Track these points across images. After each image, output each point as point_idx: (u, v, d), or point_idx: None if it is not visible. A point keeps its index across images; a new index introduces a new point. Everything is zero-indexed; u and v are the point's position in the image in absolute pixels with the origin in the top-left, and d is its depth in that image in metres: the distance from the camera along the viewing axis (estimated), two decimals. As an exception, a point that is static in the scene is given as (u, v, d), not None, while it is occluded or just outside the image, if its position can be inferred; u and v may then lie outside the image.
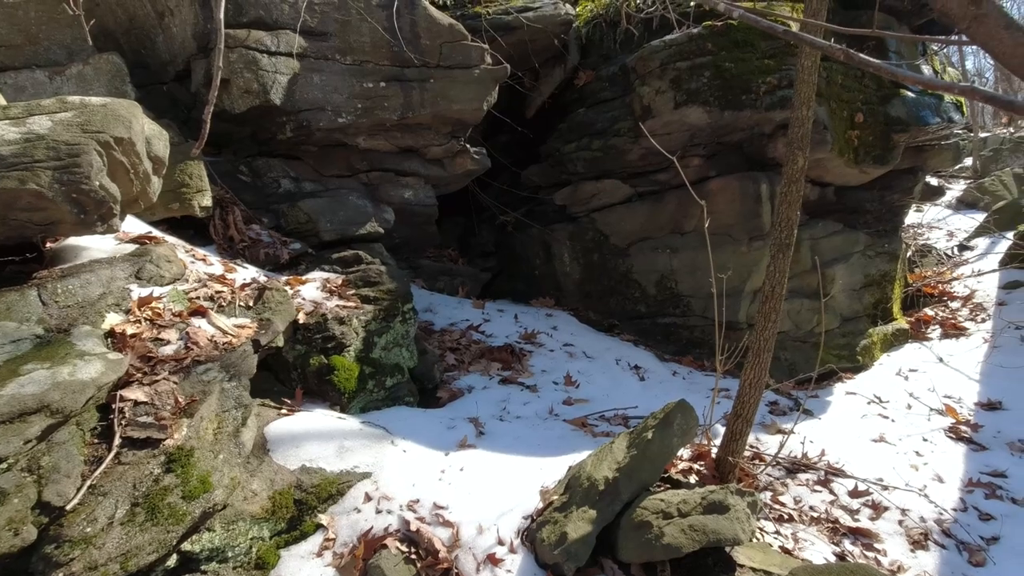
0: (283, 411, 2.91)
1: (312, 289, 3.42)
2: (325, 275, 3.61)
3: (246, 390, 2.55)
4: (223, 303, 2.90)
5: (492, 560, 2.26)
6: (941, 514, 3.20)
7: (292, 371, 3.14)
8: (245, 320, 2.88)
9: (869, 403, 4.41)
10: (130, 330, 2.47)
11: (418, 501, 2.51)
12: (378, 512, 2.44)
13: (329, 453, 2.66)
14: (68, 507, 1.76)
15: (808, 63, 2.80)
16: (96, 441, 2.03)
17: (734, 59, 4.73)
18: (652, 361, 4.89)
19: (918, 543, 2.99)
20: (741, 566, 2.29)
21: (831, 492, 3.31)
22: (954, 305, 5.67)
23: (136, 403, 2.19)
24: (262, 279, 3.19)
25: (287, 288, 3.31)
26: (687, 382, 4.57)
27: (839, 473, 3.47)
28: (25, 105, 2.47)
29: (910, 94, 5.29)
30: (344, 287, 3.54)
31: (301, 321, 3.15)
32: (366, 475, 2.61)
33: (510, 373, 4.24)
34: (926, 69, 5.74)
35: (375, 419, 3.09)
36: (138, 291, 2.71)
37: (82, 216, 2.36)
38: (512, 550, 2.31)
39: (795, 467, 3.53)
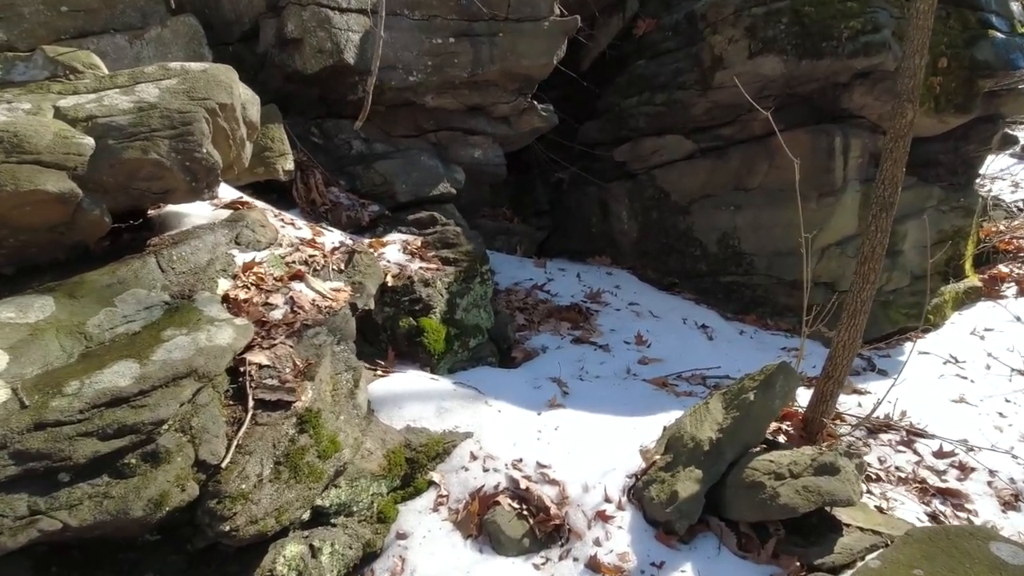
0: (378, 372, 2.99)
1: (394, 251, 3.45)
2: (403, 237, 3.63)
3: (352, 353, 2.62)
4: (316, 267, 2.96)
5: (602, 516, 2.33)
6: (1031, 474, 3.18)
7: (381, 333, 3.21)
8: (339, 284, 2.93)
9: (945, 363, 4.34)
10: (242, 295, 2.54)
11: (521, 460, 2.59)
12: (485, 470, 2.52)
13: (429, 413, 2.74)
14: (223, 465, 1.86)
15: (924, 6, 2.64)
16: (231, 403, 2.12)
17: (814, 3, 4.48)
18: (717, 320, 4.86)
19: (1009, 504, 2.99)
20: (847, 525, 2.33)
21: (915, 453, 3.31)
22: (1030, 261, 5.48)
23: (260, 366, 2.27)
24: (349, 242, 3.23)
25: (372, 251, 3.34)
26: (755, 341, 4.56)
27: (922, 434, 3.46)
28: (129, 73, 2.48)
29: (999, 35, 4.98)
30: (424, 249, 3.56)
31: (389, 284, 3.19)
32: (468, 435, 2.69)
33: (581, 332, 4.27)
34: (1015, 6, 5.37)
35: (465, 379, 3.16)
36: (241, 256, 2.76)
37: (193, 184, 2.40)
38: (620, 507, 2.38)
39: (876, 427, 3.53)
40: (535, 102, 4.48)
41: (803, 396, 3.37)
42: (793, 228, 5.08)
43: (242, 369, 2.21)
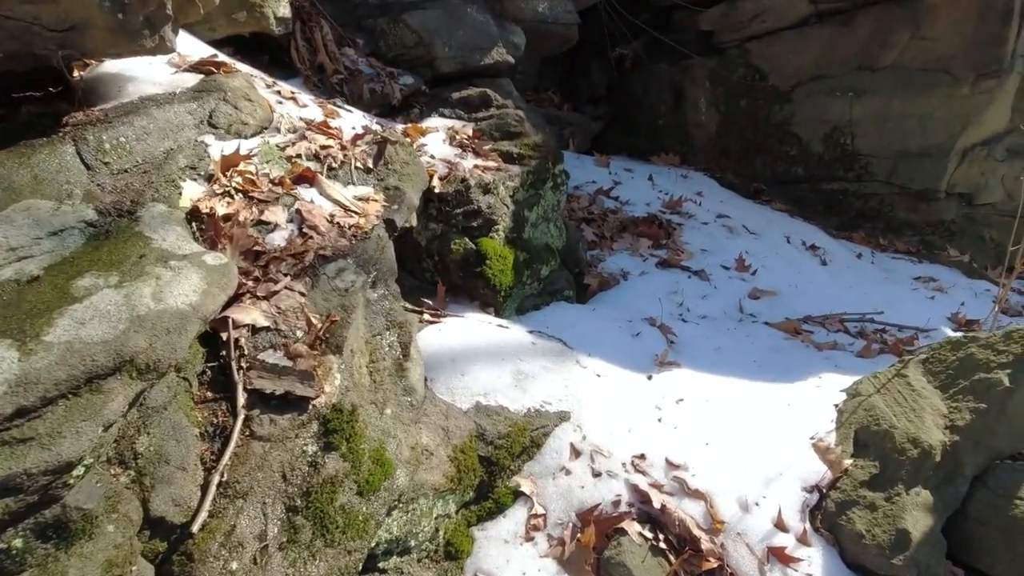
0: (425, 316, 2.13)
1: (438, 142, 2.46)
2: (449, 123, 2.62)
3: (396, 299, 1.74)
4: (333, 164, 2.00)
5: (780, 557, 1.56)
6: None
7: (426, 259, 2.31)
8: (367, 189, 1.99)
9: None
10: (220, 208, 1.61)
11: (644, 457, 1.79)
12: (596, 475, 1.72)
13: (506, 382, 1.91)
14: (195, 527, 1.04)
15: None
16: (209, 395, 1.27)
17: None
18: (824, 238, 3.92)
19: None
20: None
21: None
22: None
23: (254, 330, 1.40)
24: (376, 127, 2.23)
25: (409, 141, 2.36)
26: (879, 268, 3.65)
27: None
28: None
29: None
30: (478, 140, 2.56)
31: (436, 190, 2.24)
32: (563, 415, 1.87)
33: (666, 253, 3.35)
34: None
35: (542, 325, 2.30)
36: (218, 146, 1.81)
37: (119, 16, 1.39)
38: (803, 540, 1.60)
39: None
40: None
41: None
42: (933, 122, 3.99)
43: (224, 336, 1.34)
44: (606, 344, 2.28)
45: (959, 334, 1.93)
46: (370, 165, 2.06)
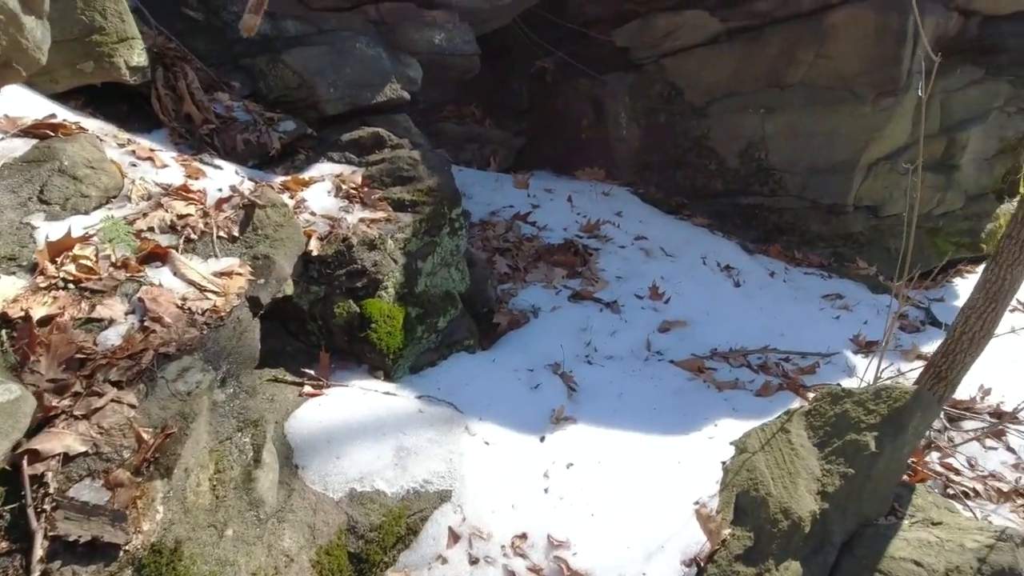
0: (305, 389, 2.01)
1: (322, 195, 2.33)
2: (336, 169, 2.49)
3: (253, 394, 1.62)
4: (192, 235, 1.85)
5: (655, 641, 1.53)
6: None
7: (309, 322, 2.19)
8: (231, 262, 1.86)
9: (1012, 311, 3.61)
10: (37, 310, 1.45)
11: (525, 537, 1.74)
12: (473, 562, 1.66)
13: (385, 462, 1.82)
14: None
15: None
16: (4, 546, 1.13)
17: None
18: (740, 256, 3.97)
19: None
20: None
21: (1009, 449, 2.63)
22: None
23: (68, 458, 1.27)
24: (247, 187, 2.09)
25: (286, 198, 2.22)
26: (791, 286, 3.71)
27: (1010, 418, 2.76)
28: None
29: None
30: (367, 188, 2.45)
31: (315, 253, 2.12)
32: (444, 495, 1.80)
33: (580, 283, 3.32)
34: None
35: (435, 387, 2.22)
36: (47, 228, 1.64)
37: None
38: (679, 621, 1.58)
39: (956, 411, 2.81)
40: (519, -42, 3.15)
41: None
42: (839, 138, 4.08)
43: (23, 470, 1.21)
44: (501, 402, 2.22)
45: (838, 387, 1.95)
46: (236, 233, 1.93)
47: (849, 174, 4.06)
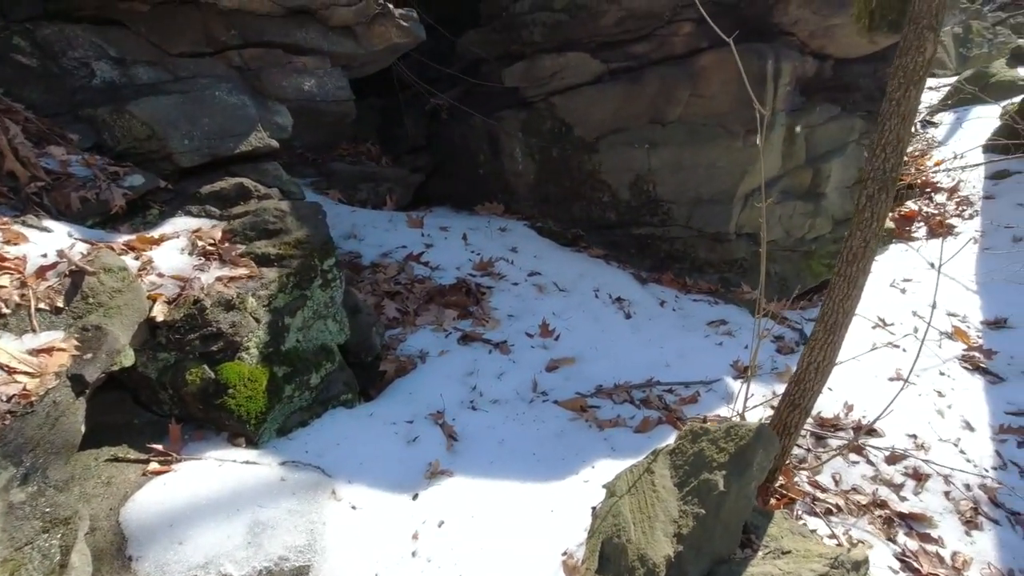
0: (152, 466, 1.86)
1: (174, 254, 2.20)
2: (194, 224, 2.36)
3: (64, 489, 1.47)
4: (4, 309, 1.69)
5: None
6: (983, 477, 2.80)
7: (160, 391, 2.04)
8: (53, 336, 1.71)
9: (874, 327, 3.93)
10: None
11: (387, 610, 1.66)
12: (327, 646, 1.57)
13: (236, 542, 1.70)
14: None
15: None
16: None
17: None
18: (632, 286, 4.10)
19: (971, 522, 2.59)
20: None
21: (869, 462, 2.82)
22: (939, 199, 5.20)
23: None
24: (78, 250, 1.93)
25: (130, 259, 2.08)
26: (679, 315, 3.86)
27: (871, 432, 2.97)
28: None
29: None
30: (227, 242, 2.33)
31: (160, 318, 1.99)
32: (301, 572, 1.70)
33: (470, 324, 3.31)
34: None
35: (302, 447, 2.12)
36: None
37: None
38: None
39: (823, 429, 2.99)
40: (390, 5, 3.15)
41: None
42: (717, 171, 4.33)
43: None
44: (375, 461, 2.15)
45: (700, 424, 2.02)
46: (60, 304, 1.77)
47: (728, 204, 4.30)
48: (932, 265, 4.59)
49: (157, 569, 1.60)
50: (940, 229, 4.86)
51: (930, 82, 9.15)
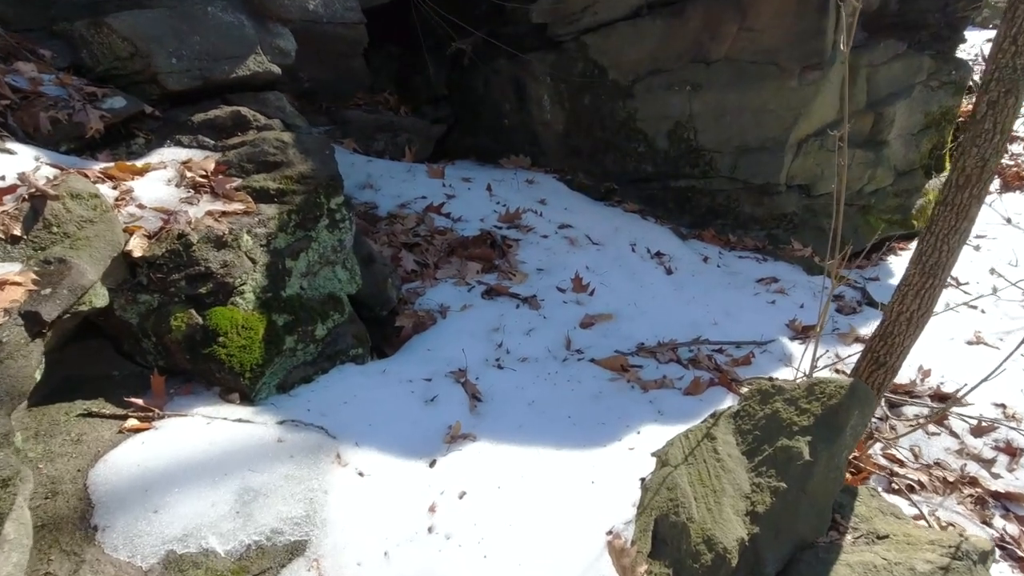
0: (130, 422, 1.61)
1: (158, 186, 1.92)
2: (184, 154, 2.08)
3: (7, 446, 1.21)
4: (-45, 236, 1.43)
5: None
6: (1086, 451, 2.42)
7: (143, 339, 1.78)
8: (8, 269, 1.45)
9: (945, 287, 3.50)
10: None
11: (399, 594, 1.39)
12: (327, 636, 1.30)
13: (222, 511, 1.45)
14: None
15: None
16: None
17: None
18: (672, 241, 3.74)
19: (1077, 503, 2.22)
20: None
21: (952, 433, 2.46)
22: (1016, 148, 4.68)
23: None
24: (44, 173, 1.66)
25: (105, 187, 1.81)
26: (724, 272, 3.50)
27: (954, 401, 2.60)
28: None
29: None
30: (221, 175, 2.05)
31: (137, 253, 1.71)
32: (297, 547, 1.44)
33: (496, 278, 3.01)
34: None
35: (304, 405, 1.85)
36: None
37: None
38: None
39: (896, 395, 2.63)
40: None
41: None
42: (767, 115, 3.90)
43: None
44: (386, 422, 1.87)
45: (768, 381, 1.69)
46: (17, 232, 1.51)
47: (779, 152, 3.88)
48: (1009, 221, 4.12)
49: (126, 542, 1.35)
50: (1016, 182, 4.37)
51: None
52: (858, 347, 2.91)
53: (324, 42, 2.67)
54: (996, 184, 4.58)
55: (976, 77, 5.13)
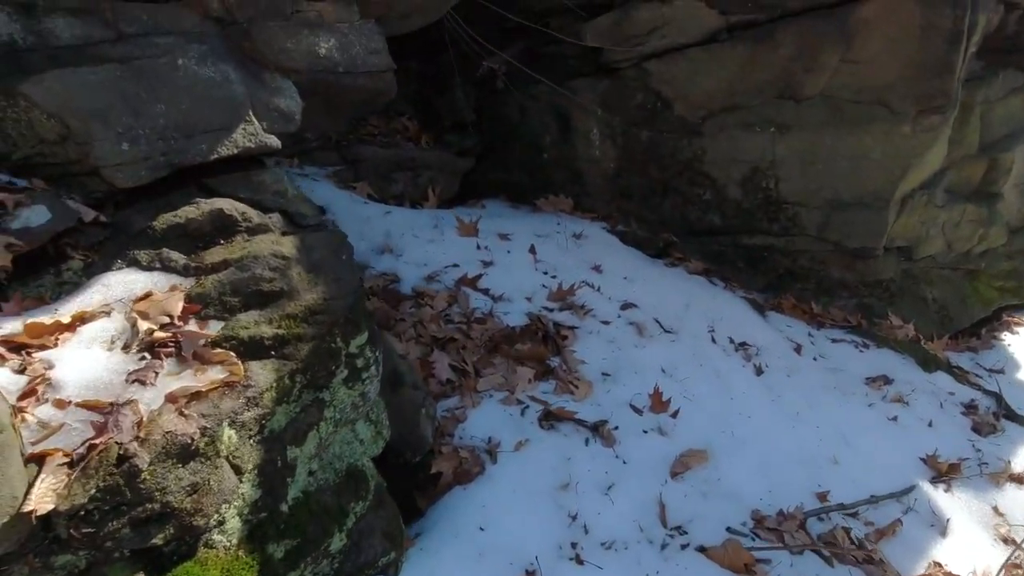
0: None
1: (93, 352, 1.27)
2: (140, 283, 1.43)
3: None
4: None
5: None
6: None
7: (63, 614, 1.14)
8: None
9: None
10: None
11: None
12: None
13: None
14: None
15: None
16: None
17: None
18: (752, 320, 3.11)
19: None
20: None
21: None
22: None
23: None
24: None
25: (5, 371, 1.16)
26: (824, 367, 2.86)
27: None
28: None
29: None
30: (193, 318, 1.39)
31: (48, 507, 1.06)
32: None
33: (553, 389, 2.38)
34: None
35: None
36: None
37: None
38: None
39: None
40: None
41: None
42: (868, 164, 3.20)
43: None
44: None
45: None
46: None
47: (882, 209, 3.23)
48: None
49: None
50: None
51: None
52: (1015, 490, 2.30)
53: (338, 94, 1.99)
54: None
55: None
